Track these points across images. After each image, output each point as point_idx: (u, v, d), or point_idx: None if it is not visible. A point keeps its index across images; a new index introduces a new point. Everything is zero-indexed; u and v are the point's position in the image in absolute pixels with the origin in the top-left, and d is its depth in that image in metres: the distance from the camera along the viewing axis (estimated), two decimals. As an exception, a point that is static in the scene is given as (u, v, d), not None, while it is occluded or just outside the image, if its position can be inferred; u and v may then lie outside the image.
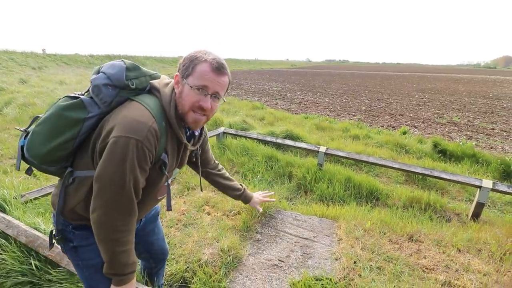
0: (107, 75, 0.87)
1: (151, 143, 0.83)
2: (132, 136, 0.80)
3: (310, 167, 3.50)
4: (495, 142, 5.95)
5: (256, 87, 16.19)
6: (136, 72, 0.92)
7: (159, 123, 0.86)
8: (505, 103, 11.61)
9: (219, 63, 0.89)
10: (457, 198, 3.32)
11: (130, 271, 0.93)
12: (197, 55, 0.89)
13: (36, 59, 24.56)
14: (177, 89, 0.91)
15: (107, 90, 0.86)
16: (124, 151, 0.80)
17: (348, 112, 9.10)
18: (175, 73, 0.93)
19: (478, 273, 1.82)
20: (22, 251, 1.77)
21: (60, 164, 0.94)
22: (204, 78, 0.87)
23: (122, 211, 0.85)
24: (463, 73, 43.68)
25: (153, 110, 0.86)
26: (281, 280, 1.75)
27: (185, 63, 0.89)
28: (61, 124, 0.86)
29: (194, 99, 0.89)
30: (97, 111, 0.88)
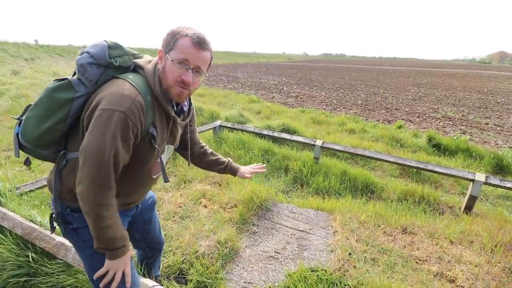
0: (91, 54, 0.89)
1: (135, 115, 0.84)
2: (115, 108, 0.81)
3: (306, 160, 3.52)
4: (489, 137, 6.03)
5: (253, 80, 16.09)
6: (118, 51, 0.94)
7: (145, 96, 0.88)
8: (499, 98, 11.73)
9: (200, 38, 0.89)
10: (450, 191, 3.38)
11: (120, 245, 0.92)
12: (179, 30, 0.90)
13: (29, 50, 24.02)
14: (160, 64, 0.93)
15: (92, 69, 0.89)
16: (107, 122, 0.81)
17: (344, 106, 9.12)
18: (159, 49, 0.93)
19: (469, 264, 1.87)
20: (18, 243, 1.76)
21: (54, 147, 0.95)
22: (184, 52, 0.88)
23: (101, 184, 0.84)
24: (458, 68, 43.88)
25: (138, 85, 0.88)
26: (277, 271, 1.78)
27: (167, 38, 0.90)
28: (51, 106, 0.88)
29: (176, 73, 0.90)
30: (85, 90, 0.90)
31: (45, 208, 2.27)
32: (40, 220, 1.87)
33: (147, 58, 1.00)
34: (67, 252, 1.56)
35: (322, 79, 18.42)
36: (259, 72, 22.66)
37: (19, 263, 1.68)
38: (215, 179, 3.02)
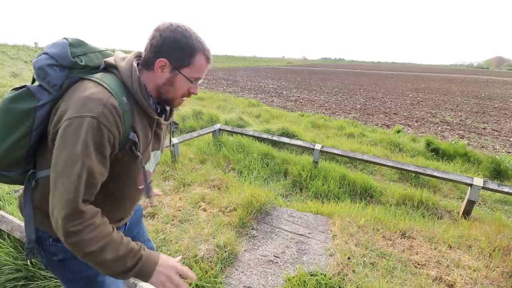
0: (50, 55, 0.76)
1: (109, 120, 0.70)
2: (85, 114, 0.68)
3: (305, 164, 3.53)
4: (486, 141, 6.07)
5: (252, 84, 16.16)
6: (82, 48, 0.81)
7: (119, 98, 0.74)
8: (497, 103, 11.82)
9: (210, 54, 0.85)
10: (449, 196, 3.39)
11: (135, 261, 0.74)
12: (191, 42, 0.79)
13: (28, 52, 24.06)
14: (159, 74, 0.81)
15: (53, 72, 0.75)
16: (77, 132, 0.67)
17: (343, 110, 9.16)
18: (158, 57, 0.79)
19: (468, 269, 1.87)
20: (16, 246, 1.75)
21: (20, 168, 0.82)
22: (201, 71, 0.84)
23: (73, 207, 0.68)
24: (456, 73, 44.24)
25: (109, 86, 0.74)
26: (276, 275, 1.77)
27: (179, 51, 0.79)
28: (11, 119, 0.74)
29: (186, 88, 0.85)
30: (48, 98, 0.76)
31: (44, 211, 2.27)
32: (39, 223, 1.86)
33: (119, 55, 0.85)
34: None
35: (321, 83, 18.52)
36: (259, 76, 22.76)
37: (17, 267, 1.67)
38: (215, 183, 3.03)
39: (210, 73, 23.16)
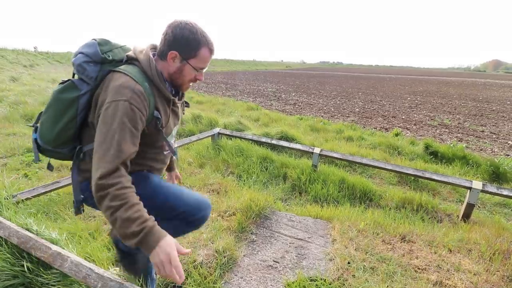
0: (85, 54, 0.97)
1: (138, 102, 0.91)
2: (119, 98, 0.88)
3: (304, 168, 3.53)
4: (485, 144, 6.08)
5: (251, 88, 16.21)
6: (108, 46, 1.01)
7: (142, 84, 0.94)
8: (494, 106, 11.88)
9: (213, 46, 1.03)
10: (448, 199, 3.39)
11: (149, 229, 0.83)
12: (197, 37, 0.97)
13: (28, 56, 24.11)
14: (171, 64, 1.01)
15: (89, 67, 0.96)
16: (115, 111, 0.87)
17: (342, 113, 9.18)
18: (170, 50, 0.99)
19: (468, 273, 1.86)
20: (13, 252, 1.73)
21: (71, 145, 1.07)
22: (205, 62, 1.03)
23: (109, 171, 0.84)
24: (454, 76, 44.50)
25: (134, 75, 0.94)
26: (276, 281, 1.76)
27: (187, 44, 0.97)
28: (61, 106, 0.97)
29: (193, 75, 1.04)
30: (87, 88, 0.98)
31: (42, 216, 2.26)
32: (37, 228, 1.84)
33: (137, 48, 1.05)
34: (63, 261, 1.54)
35: (320, 86, 18.60)
36: (258, 79, 22.84)
37: (14, 273, 1.65)
38: (214, 187, 3.02)
39: (209, 77, 23.24)
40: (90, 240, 2.05)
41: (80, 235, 2.07)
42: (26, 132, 4.87)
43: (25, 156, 3.72)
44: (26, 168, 3.42)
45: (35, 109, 6.50)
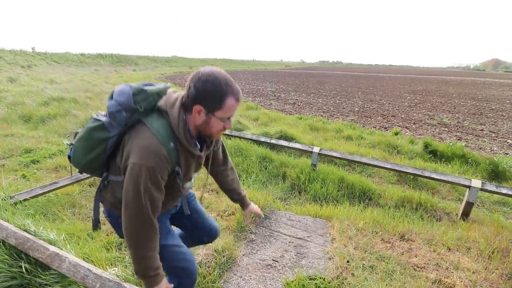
0: (118, 103, 1.00)
1: (161, 167, 0.97)
2: (144, 163, 0.94)
3: (304, 167, 3.52)
4: (484, 143, 6.09)
5: (251, 87, 16.20)
6: (142, 95, 1.01)
7: (167, 146, 0.98)
8: (494, 105, 11.89)
9: (240, 94, 1.02)
10: (447, 197, 3.39)
11: (154, 274, 1.05)
12: (220, 89, 0.96)
13: (26, 57, 24.04)
14: (197, 117, 1.01)
15: (121, 115, 1.00)
16: (139, 177, 0.95)
17: (342, 113, 9.18)
18: (194, 104, 0.98)
19: (467, 271, 1.86)
20: (11, 253, 1.73)
21: (98, 171, 1.16)
22: (232, 111, 1.02)
23: (141, 224, 1.00)
24: (453, 75, 44.55)
25: (162, 135, 0.98)
26: (275, 280, 1.76)
27: (211, 97, 0.96)
28: (91, 143, 1.05)
29: (221, 126, 1.04)
30: (116, 131, 1.03)
31: (40, 217, 2.25)
32: (34, 229, 1.84)
33: (170, 99, 1.03)
34: (61, 262, 1.53)
35: (319, 86, 18.60)
36: (257, 79, 22.83)
37: (12, 274, 1.65)
38: (212, 187, 3.01)
39: (208, 77, 23.17)
40: (88, 241, 2.04)
41: (78, 235, 2.06)
42: (24, 133, 4.86)
43: (23, 157, 3.71)
44: (24, 169, 3.41)
45: (33, 110, 6.48)
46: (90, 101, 7.67)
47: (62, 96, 7.83)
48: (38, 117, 6.08)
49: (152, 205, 1.00)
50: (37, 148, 4.04)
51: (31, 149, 4.02)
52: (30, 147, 4.05)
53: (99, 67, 27.18)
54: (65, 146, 4.16)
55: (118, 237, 2.13)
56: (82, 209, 2.59)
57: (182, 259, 1.26)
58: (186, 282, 1.29)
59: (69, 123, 5.60)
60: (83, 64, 27.96)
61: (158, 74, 24.13)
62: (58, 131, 5.27)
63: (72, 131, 5.27)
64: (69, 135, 5.12)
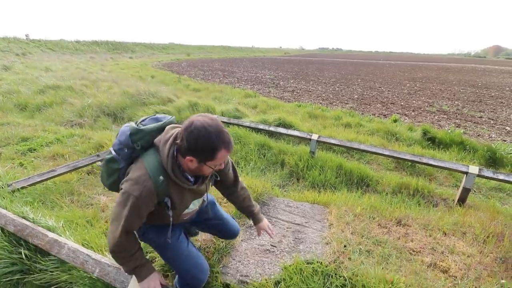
0: (119, 141, 1.17)
1: (145, 198, 1.09)
2: (130, 192, 1.08)
3: (302, 154, 3.52)
4: (482, 130, 6.09)
5: (249, 75, 16.00)
6: (139, 135, 1.15)
7: (156, 179, 1.09)
8: (493, 92, 11.82)
9: (231, 144, 1.08)
10: (444, 184, 3.42)
11: (137, 271, 1.22)
12: (212, 143, 1.02)
13: (20, 45, 23.53)
14: (189, 164, 1.10)
15: (123, 152, 1.17)
16: (124, 202, 1.09)
17: (341, 100, 9.12)
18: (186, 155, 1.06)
19: (462, 255, 1.90)
20: (10, 240, 1.74)
21: None
22: (223, 159, 1.10)
23: (116, 237, 1.12)
24: (453, 62, 44.07)
25: (152, 170, 1.10)
26: (273, 264, 1.78)
27: (201, 151, 1.04)
28: (109, 170, 1.23)
29: (212, 169, 1.13)
30: (124, 164, 1.19)
31: (38, 205, 2.25)
32: (33, 217, 1.84)
33: (166, 134, 1.13)
34: (60, 248, 1.55)
35: (319, 73, 18.38)
36: (256, 66, 22.52)
37: (12, 260, 1.66)
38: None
39: (206, 64, 22.88)
40: (88, 228, 2.05)
41: (77, 222, 2.08)
42: (20, 121, 4.81)
43: (20, 146, 3.68)
44: (21, 157, 3.40)
45: (29, 98, 6.40)
46: (86, 89, 7.56)
47: (57, 84, 7.71)
48: (34, 106, 6.01)
49: (127, 226, 1.12)
50: (33, 137, 4.01)
51: (28, 137, 3.99)
52: (27, 136, 4.01)
53: (94, 54, 26.67)
54: (62, 134, 4.13)
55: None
56: (81, 196, 2.59)
57: (192, 265, 1.39)
58: (194, 286, 1.40)
59: (66, 111, 5.54)
60: (79, 52, 27.41)
61: (155, 62, 23.72)
62: (55, 120, 5.22)
63: (69, 120, 5.23)
64: (65, 124, 5.08)
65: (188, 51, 43.86)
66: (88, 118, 5.29)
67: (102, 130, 4.75)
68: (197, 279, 1.39)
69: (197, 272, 1.39)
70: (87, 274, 1.48)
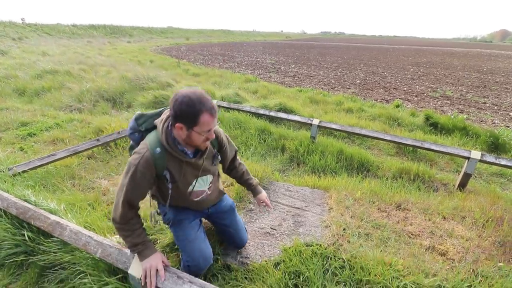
0: (130, 127, 1.35)
1: (144, 167, 1.19)
2: (131, 162, 1.20)
3: (303, 139, 3.50)
4: (486, 116, 6.02)
5: (250, 59, 15.71)
6: (143, 118, 1.32)
7: (153, 150, 1.20)
8: (498, 77, 11.61)
9: (213, 109, 1.16)
10: (445, 169, 3.41)
11: (139, 249, 1.26)
12: (194, 108, 1.12)
13: (16, 29, 23.05)
14: (180, 132, 1.19)
15: (134, 137, 1.34)
16: (126, 172, 1.21)
17: (343, 85, 8.98)
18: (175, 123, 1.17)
19: (461, 239, 1.91)
20: (13, 223, 1.76)
21: None
22: (207, 125, 1.16)
23: (119, 207, 1.21)
24: (459, 47, 43.08)
25: (150, 143, 1.22)
26: (273, 246, 1.81)
27: (186, 115, 1.13)
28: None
29: (203, 138, 1.20)
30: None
31: (40, 188, 2.26)
32: (35, 200, 1.86)
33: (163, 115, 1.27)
34: (62, 230, 1.56)
35: (321, 58, 18.03)
36: (256, 51, 22.08)
37: (16, 242, 1.69)
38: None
39: (206, 49, 22.43)
40: (89, 210, 2.07)
41: (79, 205, 2.09)
42: (19, 106, 4.78)
43: (20, 130, 3.67)
44: (21, 142, 3.39)
45: (27, 83, 6.32)
46: (84, 73, 7.45)
47: (55, 68, 7.59)
48: (32, 90, 5.95)
49: (128, 195, 1.20)
50: (33, 121, 3.99)
51: (27, 122, 3.96)
52: (26, 121, 3.99)
53: (92, 38, 26.14)
54: (61, 119, 4.10)
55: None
56: (82, 180, 2.60)
57: (196, 249, 1.45)
58: (193, 269, 1.44)
59: (64, 96, 5.49)
60: (76, 36, 26.85)
61: (153, 46, 23.26)
62: (54, 104, 5.18)
63: (68, 104, 5.18)
64: (64, 109, 5.04)
65: (187, 35, 42.88)
66: (87, 103, 5.24)
67: (101, 115, 4.72)
68: (197, 263, 1.43)
69: (198, 257, 1.43)
70: (89, 255, 1.50)
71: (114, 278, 1.40)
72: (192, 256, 1.43)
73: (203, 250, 1.47)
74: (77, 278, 1.47)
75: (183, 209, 1.49)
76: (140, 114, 1.32)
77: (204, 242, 1.51)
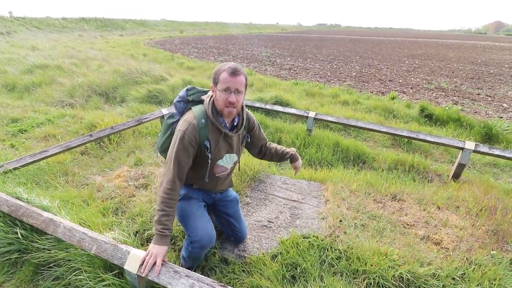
0: (179, 96, 1.47)
1: (191, 133, 1.32)
2: (180, 128, 1.34)
3: (299, 132, 3.49)
4: (480, 107, 6.07)
5: (245, 52, 15.54)
6: (193, 90, 1.47)
7: (199, 120, 1.35)
8: (492, 69, 11.68)
9: (233, 68, 1.29)
10: (439, 160, 3.44)
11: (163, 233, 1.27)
12: (219, 68, 1.32)
13: (3, 23, 22.45)
14: (214, 95, 1.36)
15: (180, 104, 1.46)
16: (175, 138, 1.34)
17: (338, 78, 8.96)
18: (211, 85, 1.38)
19: (455, 228, 1.93)
20: (5, 221, 1.72)
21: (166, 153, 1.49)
22: (225, 82, 1.29)
23: (169, 176, 1.31)
24: (454, 39, 43.16)
25: (196, 113, 1.37)
26: (270, 239, 1.81)
27: (213, 76, 1.34)
28: (165, 127, 1.53)
29: (223, 98, 1.31)
30: (178, 117, 1.47)
31: (32, 185, 2.22)
32: (27, 197, 1.82)
33: (209, 93, 1.43)
34: (56, 227, 1.54)
35: (316, 50, 17.92)
36: (252, 44, 21.84)
37: (9, 240, 1.66)
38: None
39: (200, 42, 22.12)
40: (84, 207, 2.04)
41: (73, 202, 2.06)
42: (9, 102, 4.67)
43: (10, 127, 3.59)
44: (12, 138, 3.32)
45: (17, 79, 6.17)
46: (76, 68, 7.30)
47: (45, 63, 7.42)
48: (22, 86, 5.81)
49: (177, 162, 1.31)
50: (23, 118, 3.91)
51: (18, 118, 3.88)
52: (16, 117, 3.91)
53: (83, 32, 25.56)
54: (53, 115, 4.02)
55: (114, 203, 2.14)
56: (75, 176, 2.56)
57: (201, 226, 1.49)
58: (196, 246, 1.46)
59: (56, 91, 5.38)
60: (66, 29, 26.26)
61: (146, 39, 22.86)
62: (45, 100, 5.07)
63: (59, 100, 5.08)
64: (56, 104, 4.94)
65: (181, 28, 42.21)
66: (79, 98, 5.14)
67: (94, 110, 4.64)
68: (201, 239, 1.45)
69: (203, 234, 1.46)
70: (84, 252, 1.48)
71: (110, 274, 1.39)
72: (196, 232, 1.46)
73: (208, 228, 1.51)
74: (73, 275, 1.45)
75: (194, 190, 1.58)
76: (192, 86, 1.49)
77: (209, 222, 1.56)
